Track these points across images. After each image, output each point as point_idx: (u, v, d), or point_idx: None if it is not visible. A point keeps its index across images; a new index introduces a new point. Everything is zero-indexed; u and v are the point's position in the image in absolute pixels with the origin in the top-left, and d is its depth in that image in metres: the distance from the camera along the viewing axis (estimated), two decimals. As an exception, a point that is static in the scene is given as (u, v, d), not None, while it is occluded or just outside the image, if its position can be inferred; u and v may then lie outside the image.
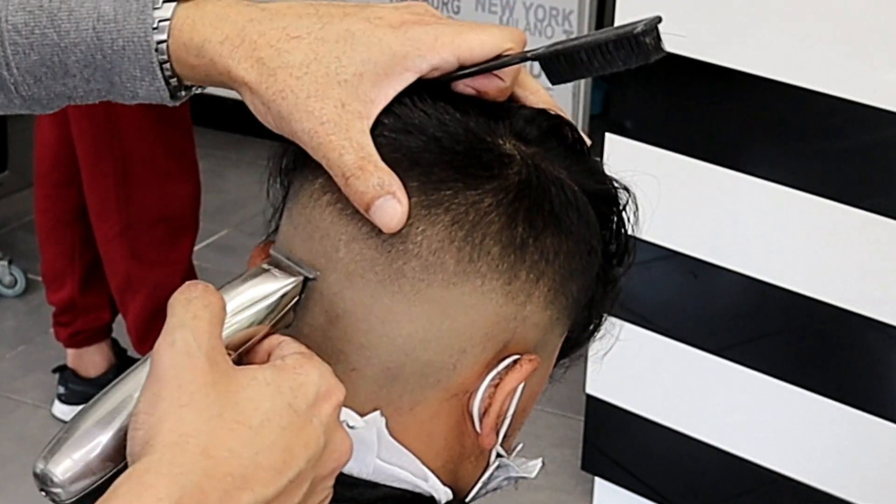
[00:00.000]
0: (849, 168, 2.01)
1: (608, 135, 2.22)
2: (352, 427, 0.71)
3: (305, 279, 0.74)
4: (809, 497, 2.19)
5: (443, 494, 0.78)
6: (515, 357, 0.76)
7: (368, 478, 0.76)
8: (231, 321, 0.70)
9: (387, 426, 0.75)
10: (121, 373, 0.69)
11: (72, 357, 2.79)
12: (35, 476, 0.65)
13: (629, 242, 0.81)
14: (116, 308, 2.74)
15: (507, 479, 0.82)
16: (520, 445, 0.83)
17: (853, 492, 2.15)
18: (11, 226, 3.58)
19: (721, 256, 2.17)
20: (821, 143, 2.04)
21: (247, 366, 0.67)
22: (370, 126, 0.72)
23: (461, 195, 0.72)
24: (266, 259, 0.76)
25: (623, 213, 0.81)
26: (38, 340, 3.06)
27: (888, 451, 2.09)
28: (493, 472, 0.81)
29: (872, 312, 2.03)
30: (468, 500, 0.81)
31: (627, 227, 0.81)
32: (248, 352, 0.72)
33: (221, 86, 0.74)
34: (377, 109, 0.72)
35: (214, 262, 3.30)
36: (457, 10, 3.24)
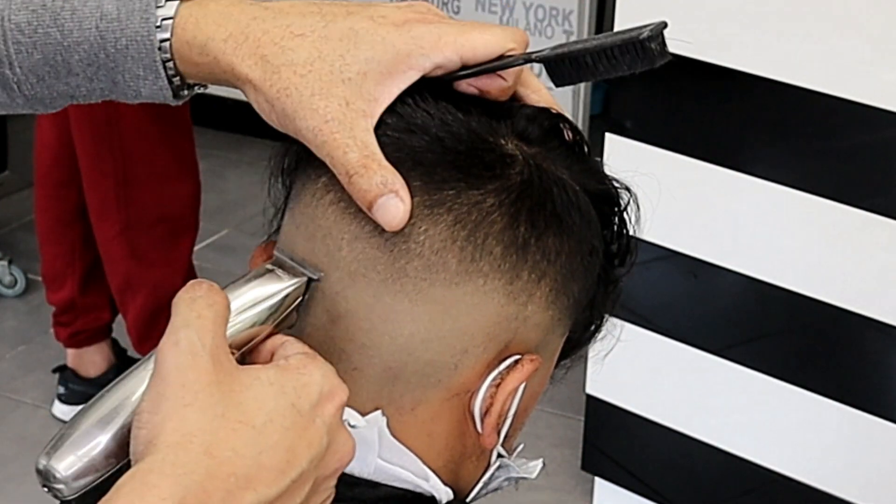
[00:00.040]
0: (849, 168, 2.01)
1: (608, 135, 2.22)
2: (353, 426, 0.71)
3: (309, 280, 0.74)
4: (809, 497, 2.19)
5: (444, 494, 0.78)
6: (517, 357, 0.76)
7: (369, 477, 0.76)
8: (235, 321, 0.70)
9: (388, 426, 0.75)
10: (121, 373, 0.69)
11: (72, 357, 2.79)
12: (38, 472, 0.65)
13: (630, 243, 0.81)
14: (116, 308, 2.74)
15: (508, 480, 0.82)
16: (520, 446, 0.83)
17: (853, 492, 2.15)
18: (11, 226, 3.58)
19: (721, 256, 2.17)
20: (821, 143, 2.03)
21: (250, 366, 0.67)
22: (374, 125, 0.72)
23: (464, 195, 0.72)
24: (269, 259, 0.76)
25: (624, 214, 0.81)
26: (38, 340, 3.06)
27: (888, 451, 2.09)
28: (494, 473, 0.81)
29: (872, 312, 2.03)
30: (469, 501, 0.81)
31: (629, 228, 0.81)
32: (252, 351, 0.72)
33: (225, 84, 0.74)
34: (381, 108, 0.72)
35: (214, 262, 3.30)
36: (457, 10, 3.23)
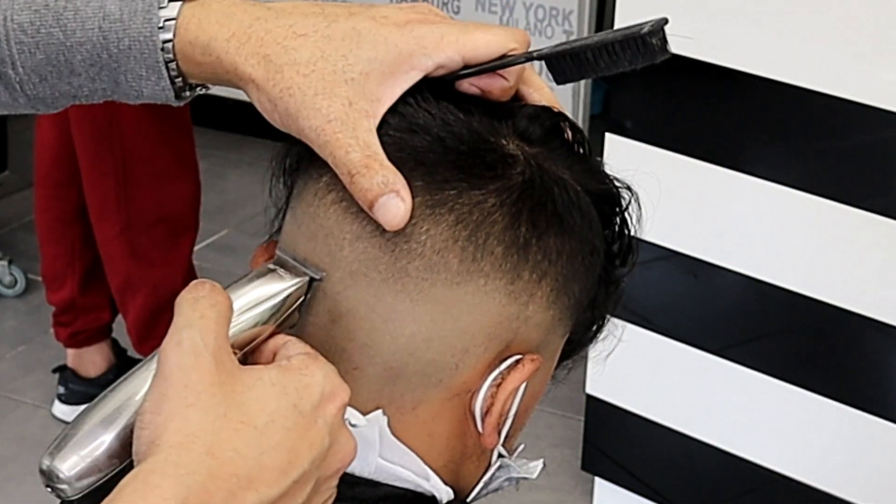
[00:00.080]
0: (849, 168, 2.01)
1: (608, 135, 2.22)
2: (354, 425, 0.71)
3: (311, 280, 0.74)
4: (809, 497, 2.19)
5: (444, 494, 0.78)
6: (518, 357, 0.76)
7: (370, 477, 0.76)
8: (237, 321, 0.70)
9: (389, 425, 0.75)
10: (121, 373, 0.69)
11: (72, 357, 2.79)
12: (41, 472, 0.65)
13: (632, 243, 0.81)
14: (116, 308, 2.74)
15: (509, 480, 0.82)
16: (521, 446, 0.83)
17: (853, 492, 2.15)
18: (11, 226, 3.58)
19: (721, 256, 2.17)
20: (821, 143, 2.03)
21: (252, 366, 0.67)
22: (376, 125, 0.72)
23: (465, 195, 0.72)
24: (270, 259, 0.77)
25: (626, 214, 0.81)
26: (38, 340, 3.06)
27: (888, 451, 2.09)
28: (495, 473, 0.81)
29: (872, 312, 2.03)
30: (469, 500, 0.81)
31: (630, 228, 0.81)
32: (254, 351, 0.72)
33: (228, 84, 0.74)
34: (383, 108, 0.72)
35: (214, 262, 3.30)
36: (457, 10, 3.23)
